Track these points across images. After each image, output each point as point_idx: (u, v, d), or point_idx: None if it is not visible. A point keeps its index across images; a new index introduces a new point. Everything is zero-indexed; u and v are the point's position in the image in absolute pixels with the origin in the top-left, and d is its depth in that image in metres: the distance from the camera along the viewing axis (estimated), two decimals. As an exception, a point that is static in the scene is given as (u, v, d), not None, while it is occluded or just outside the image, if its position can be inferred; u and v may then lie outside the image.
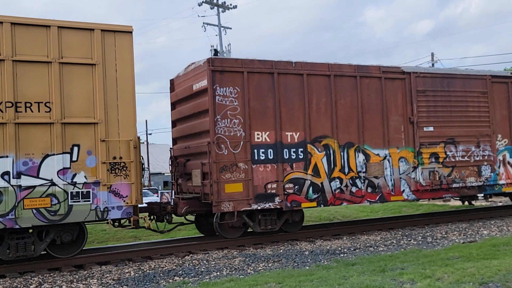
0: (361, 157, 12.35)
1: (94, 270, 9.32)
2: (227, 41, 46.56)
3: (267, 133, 11.34)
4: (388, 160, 12.70)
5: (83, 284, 8.25)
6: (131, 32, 10.01)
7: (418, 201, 16.42)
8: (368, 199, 12.44)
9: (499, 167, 14.23)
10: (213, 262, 9.55)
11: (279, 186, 11.34)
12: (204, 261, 9.69)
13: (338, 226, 13.64)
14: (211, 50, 34.77)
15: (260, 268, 8.92)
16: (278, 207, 11.34)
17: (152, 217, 11.37)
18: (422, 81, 13.32)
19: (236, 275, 8.29)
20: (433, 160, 13.28)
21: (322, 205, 11.88)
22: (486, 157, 14.02)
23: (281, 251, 10.55)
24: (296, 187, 11.57)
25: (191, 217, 12.54)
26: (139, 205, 10.32)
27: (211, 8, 37.08)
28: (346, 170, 12.17)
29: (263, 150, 11.26)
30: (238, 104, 11.07)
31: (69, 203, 9.30)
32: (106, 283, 8.25)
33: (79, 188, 9.40)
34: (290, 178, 11.51)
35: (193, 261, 9.72)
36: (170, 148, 12.92)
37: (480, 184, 13.87)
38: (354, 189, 12.23)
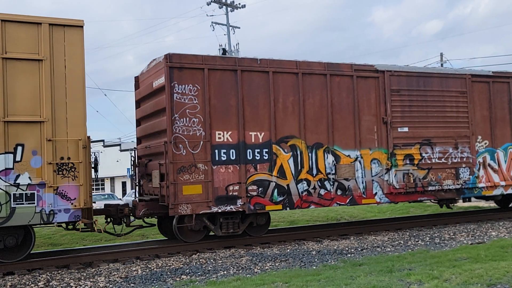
0: (330, 158, 11.88)
1: (101, 267, 9.32)
2: (235, 40, 46.66)
3: (229, 132, 10.88)
4: (360, 162, 12.22)
5: (91, 281, 8.25)
6: (82, 27, 9.55)
7: (396, 203, 15.91)
8: (338, 202, 11.97)
9: (478, 169, 13.73)
10: (220, 261, 9.53)
11: (241, 188, 10.88)
12: (211, 260, 9.67)
13: (345, 226, 13.58)
14: (219, 49, 35.97)
15: (267, 267, 8.89)
16: (240, 210, 10.88)
17: (109, 220, 10.94)
18: (397, 79, 12.83)
19: (243, 274, 8.29)
20: (408, 162, 12.79)
21: (288, 208, 11.42)
22: (464, 159, 13.52)
23: (288, 250, 10.49)
24: (260, 189, 11.10)
25: (153, 220, 12.10)
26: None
27: (220, 8, 37.33)
28: (314, 171, 11.70)
29: (224, 151, 10.80)
30: (198, 102, 10.61)
31: (12, 206, 8.86)
32: (113, 281, 8.25)
33: (23, 190, 8.95)
34: (253, 180, 11.04)
35: (200, 260, 9.69)
36: (134, 148, 12.47)
37: (458, 187, 13.37)
38: (322, 192, 11.76)
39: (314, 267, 8.65)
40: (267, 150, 11.23)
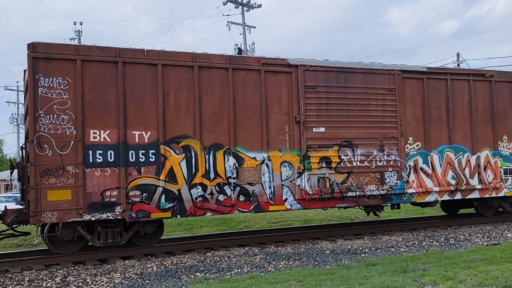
0: (231, 160, 10.75)
1: (117, 264, 9.41)
2: (251, 40, 46.93)
3: (107, 131, 9.76)
4: (267, 165, 11.08)
5: (107, 277, 8.34)
6: None
7: (325, 209, 14.78)
8: (240, 209, 10.84)
9: (408, 174, 12.55)
10: (234, 259, 9.61)
11: (121, 194, 9.75)
12: (225, 258, 9.75)
13: (360, 226, 13.59)
14: (235, 48, 36.03)
15: (280, 266, 8.93)
16: (119, 217, 9.76)
17: (-27, 227, 9.86)
18: (313, 75, 11.68)
19: (257, 273, 8.35)
20: (324, 165, 11.62)
21: (179, 216, 10.30)
22: (391, 163, 12.34)
23: (302, 249, 10.51)
24: (145, 194, 9.98)
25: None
26: None
27: (236, 7, 37.61)
28: (212, 175, 10.58)
29: (100, 152, 9.68)
30: (69, 98, 9.50)
31: None
32: (129, 277, 8.34)
33: None
34: (136, 185, 9.92)
35: (215, 258, 9.80)
36: (21, 147, 11.38)
37: (383, 192, 12.19)
38: (221, 197, 10.63)
39: (328, 266, 8.68)
40: (154, 151, 10.11)
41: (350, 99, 12.02)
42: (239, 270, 8.63)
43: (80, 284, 8.01)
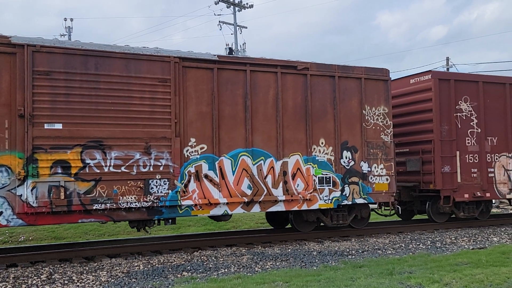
0: None
1: (104, 262, 9.37)
2: (242, 40, 45.50)
3: None
4: (-26, 170, 8.67)
5: (93, 275, 8.28)
6: None
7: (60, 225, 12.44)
8: None
9: (187, 182, 10.24)
10: (221, 259, 9.57)
11: None
12: (213, 258, 9.71)
13: (347, 228, 13.19)
14: (226, 48, 35.72)
15: (267, 266, 8.94)
16: None
17: None
18: (47, 58, 9.29)
19: (244, 273, 8.34)
20: (59, 171, 9.22)
21: None
22: (161, 168, 10.02)
23: (289, 250, 10.51)
24: None
25: None
26: None
27: (228, 7, 37.27)
28: None
29: None
30: None
31: None
32: (115, 275, 8.29)
33: None
34: None
35: (202, 257, 9.76)
36: None
37: (147, 205, 9.86)
38: None
39: (315, 268, 8.68)
40: None
41: (103, 90, 9.68)
42: (226, 270, 8.61)
43: (66, 281, 7.90)
